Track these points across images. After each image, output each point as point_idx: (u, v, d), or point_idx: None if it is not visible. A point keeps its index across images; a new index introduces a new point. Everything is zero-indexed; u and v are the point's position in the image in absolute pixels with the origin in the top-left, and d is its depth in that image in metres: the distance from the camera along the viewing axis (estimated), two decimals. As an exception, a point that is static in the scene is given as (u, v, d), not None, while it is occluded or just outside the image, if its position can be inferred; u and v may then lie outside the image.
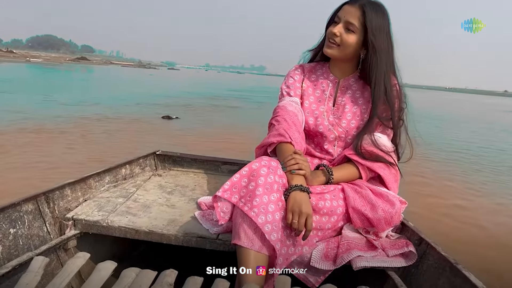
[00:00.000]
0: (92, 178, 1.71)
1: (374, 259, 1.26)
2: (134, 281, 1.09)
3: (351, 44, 1.42)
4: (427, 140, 7.07)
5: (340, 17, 1.42)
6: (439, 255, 1.23)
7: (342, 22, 1.41)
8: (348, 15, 1.39)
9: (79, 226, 1.45)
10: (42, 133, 5.64)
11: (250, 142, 4.43)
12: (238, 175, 1.24)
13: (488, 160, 6.25)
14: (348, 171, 1.41)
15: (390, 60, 1.45)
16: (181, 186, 1.96)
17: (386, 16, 1.43)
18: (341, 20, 1.41)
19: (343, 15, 1.41)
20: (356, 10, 1.38)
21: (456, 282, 1.12)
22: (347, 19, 1.39)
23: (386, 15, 1.43)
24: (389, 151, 1.44)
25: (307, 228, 1.16)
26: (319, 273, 1.26)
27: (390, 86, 1.45)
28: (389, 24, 1.44)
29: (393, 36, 1.45)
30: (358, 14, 1.38)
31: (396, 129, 1.47)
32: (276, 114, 1.49)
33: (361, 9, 1.38)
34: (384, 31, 1.41)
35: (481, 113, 20.62)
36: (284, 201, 1.21)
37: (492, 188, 4.46)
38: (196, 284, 1.07)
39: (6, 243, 1.25)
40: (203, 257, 1.52)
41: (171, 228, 1.42)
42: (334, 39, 1.43)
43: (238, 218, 1.19)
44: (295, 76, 1.61)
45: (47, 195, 1.45)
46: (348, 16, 1.39)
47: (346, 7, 1.41)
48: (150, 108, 9.87)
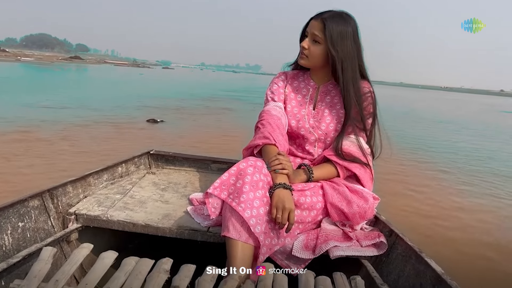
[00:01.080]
0: (91, 176, 1.84)
1: (349, 249, 1.40)
2: (134, 268, 1.22)
3: (318, 54, 1.57)
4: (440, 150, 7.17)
5: (308, 31, 1.58)
6: (406, 245, 1.37)
7: (309, 35, 1.57)
8: (313, 29, 1.55)
9: (81, 220, 1.57)
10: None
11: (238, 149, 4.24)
12: (227, 173, 1.38)
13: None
14: (327, 170, 1.55)
15: (356, 65, 1.58)
16: (174, 183, 2.09)
17: (351, 23, 1.55)
18: (308, 34, 1.57)
19: (310, 29, 1.56)
20: (319, 23, 1.53)
21: (420, 268, 1.26)
22: (312, 31, 1.55)
23: (350, 23, 1.55)
24: (365, 152, 1.58)
25: (290, 222, 1.29)
26: (299, 262, 1.40)
27: (359, 90, 1.58)
28: (354, 30, 1.56)
29: (361, 40, 1.59)
30: (321, 26, 1.53)
31: (369, 131, 1.62)
32: (262, 118, 1.63)
33: (322, 22, 1.53)
34: (348, 38, 1.54)
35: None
36: (268, 197, 1.34)
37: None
38: (189, 270, 1.20)
39: (16, 235, 1.36)
40: (194, 248, 1.64)
41: (166, 222, 1.55)
42: (303, 51, 1.59)
43: (227, 212, 1.32)
44: (279, 83, 1.75)
45: (51, 192, 1.56)
46: (313, 29, 1.55)
47: (312, 22, 1.56)
48: (134, 111, 9.20)
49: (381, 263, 1.44)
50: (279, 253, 1.41)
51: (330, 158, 1.56)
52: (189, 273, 1.19)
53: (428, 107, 22.87)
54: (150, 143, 5.22)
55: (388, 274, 1.39)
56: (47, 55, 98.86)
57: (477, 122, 14.80)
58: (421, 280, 1.22)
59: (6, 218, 1.34)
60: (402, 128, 9.87)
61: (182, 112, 10.00)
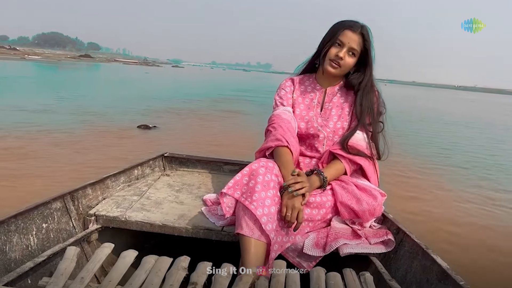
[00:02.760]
0: (109, 178, 1.91)
1: (359, 246, 1.46)
2: (154, 266, 1.29)
3: (351, 66, 1.65)
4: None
5: (343, 42, 1.60)
6: (413, 242, 1.42)
7: (346, 47, 1.60)
8: (352, 42, 1.59)
9: (100, 221, 1.65)
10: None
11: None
12: (240, 174, 1.45)
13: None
14: (336, 168, 1.60)
15: (372, 71, 1.68)
16: (188, 184, 2.16)
17: (371, 33, 1.64)
18: (345, 45, 1.60)
19: (347, 41, 1.60)
20: (359, 37, 1.60)
21: (426, 264, 1.31)
22: (351, 45, 1.60)
23: (371, 33, 1.64)
24: (370, 146, 1.64)
25: (298, 221, 1.36)
26: (310, 259, 1.46)
27: (373, 93, 1.68)
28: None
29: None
30: (360, 40, 1.61)
31: (377, 132, 1.67)
32: (272, 122, 1.69)
33: (362, 36, 1.61)
34: (373, 48, 1.64)
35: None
36: (279, 196, 1.41)
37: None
38: (206, 268, 1.26)
39: (40, 236, 1.44)
40: (209, 246, 1.71)
41: (181, 222, 1.61)
42: (338, 61, 1.62)
43: (240, 211, 1.39)
44: (286, 88, 1.81)
45: (72, 194, 1.64)
46: (352, 43, 1.59)
47: (349, 33, 1.60)
48: (127, 115, 7.99)
49: (389, 260, 1.49)
50: (290, 251, 1.47)
51: (335, 152, 1.62)
52: (206, 270, 1.25)
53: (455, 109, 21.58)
54: (137, 154, 4.36)
55: (396, 270, 1.43)
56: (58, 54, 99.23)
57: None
58: (428, 276, 1.27)
59: (31, 219, 1.41)
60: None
61: (182, 116, 8.77)
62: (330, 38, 1.63)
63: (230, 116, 9.61)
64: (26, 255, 1.35)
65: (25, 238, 1.37)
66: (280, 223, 1.39)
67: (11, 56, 52.39)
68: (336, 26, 1.64)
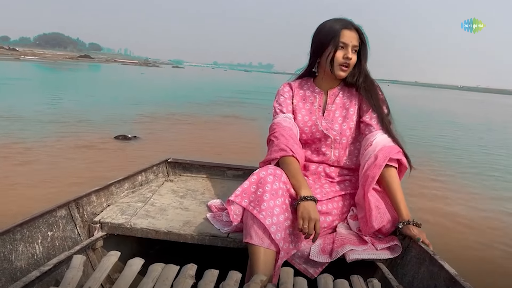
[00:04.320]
0: (113, 185, 1.90)
1: (365, 252, 1.45)
2: (161, 274, 1.28)
3: (354, 63, 1.63)
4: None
5: (346, 43, 1.58)
6: (420, 248, 1.41)
7: (350, 47, 1.58)
8: (353, 39, 1.58)
9: (105, 228, 1.64)
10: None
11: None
12: (248, 182, 1.43)
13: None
14: (399, 187, 1.54)
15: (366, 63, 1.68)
16: (192, 190, 2.16)
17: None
18: (348, 45, 1.58)
19: (349, 40, 1.58)
20: (355, 34, 1.59)
21: (434, 270, 1.30)
22: (354, 43, 1.59)
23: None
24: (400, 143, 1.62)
25: (316, 232, 1.35)
26: (317, 265, 1.46)
27: (374, 84, 1.69)
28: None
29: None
30: (357, 36, 1.60)
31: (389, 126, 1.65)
32: (273, 131, 1.67)
33: (357, 31, 1.60)
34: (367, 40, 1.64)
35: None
36: (287, 204, 1.41)
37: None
38: (213, 275, 1.26)
39: (45, 244, 1.43)
40: (215, 253, 1.70)
41: (187, 229, 1.61)
42: (349, 63, 1.60)
43: (249, 220, 1.38)
44: (285, 94, 1.78)
45: (77, 202, 1.63)
46: (353, 40, 1.58)
47: (347, 33, 1.58)
48: (107, 123, 6.96)
49: (396, 265, 1.48)
50: (297, 257, 1.47)
51: (404, 163, 1.57)
52: (213, 278, 1.25)
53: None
54: (101, 172, 3.86)
55: (403, 276, 1.43)
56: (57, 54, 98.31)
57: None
58: (436, 282, 1.26)
59: (36, 228, 1.41)
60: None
61: (169, 122, 7.74)
62: (329, 42, 1.59)
63: (225, 122, 8.64)
64: (31, 263, 1.34)
65: (30, 247, 1.36)
66: (287, 230, 1.39)
67: (7, 56, 51.44)
68: (331, 29, 1.59)
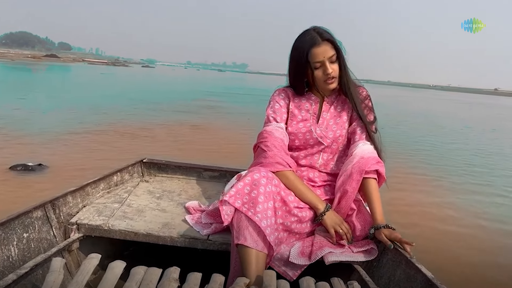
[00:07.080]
0: (89, 185, 1.87)
1: (343, 255, 1.50)
2: (144, 277, 1.27)
3: (338, 70, 1.62)
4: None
5: (320, 60, 1.57)
6: (396, 251, 1.46)
7: (326, 60, 1.57)
8: (325, 53, 1.56)
9: (82, 230, 1.61)
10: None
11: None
12: (242, 183, 1.44)
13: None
14: (377, 197, 1.60)
15: (346, 65, 1.67)
16: (168, 191, 2.15)
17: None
18: (324, 61, 1.57)
19: (322, 56, 1.56)
20: (325, 45, 1.57)
21: (410, 273, 1.34)
22: (328, 55, 1.57)
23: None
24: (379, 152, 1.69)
25: (349, 232, 1.53)
26: (296, 268, 1.49)
27: (356, 87, 1.72)
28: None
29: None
30: (328, 46, 1.58)
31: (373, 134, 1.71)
32: (264, 139, 1.65)
33: (327, 41, 1.58)
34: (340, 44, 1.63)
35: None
36: (277, 207, 1.47)
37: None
38: (196, 279, 1.26)
39: (21, 246, 1.39)
40: (194, 255, 1.71)
41: (166, 231, 1.61)
42: (333, 75, 1.60)
43: (243, 221, 1.38)
44: (280, 102, 1.76)
45: (53, 202, 1.60)
46: (326, 54, 1.56)
47: (317, 50, 1.56)
48: (6, 143, 4.92)
49: (372, 268, 1.54)
50: (276, 260, 1.50)
51: (382, 172, 1.62)
52: (197, 281, 1.25)
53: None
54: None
55: (379, 278, 1.48)
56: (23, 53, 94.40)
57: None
58: (412, 284, 1.31)
59: (12, 229, 1.37)
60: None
61: (97, 138, 5.70)
62: (304, 66, 1.60)
63: (191, 133, 6.85)
64: (7, 266, 1.31)
65: (6, 249, 1.33)
66: (276, 233, 1.43)
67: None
68: (301, 52, 1.58)
